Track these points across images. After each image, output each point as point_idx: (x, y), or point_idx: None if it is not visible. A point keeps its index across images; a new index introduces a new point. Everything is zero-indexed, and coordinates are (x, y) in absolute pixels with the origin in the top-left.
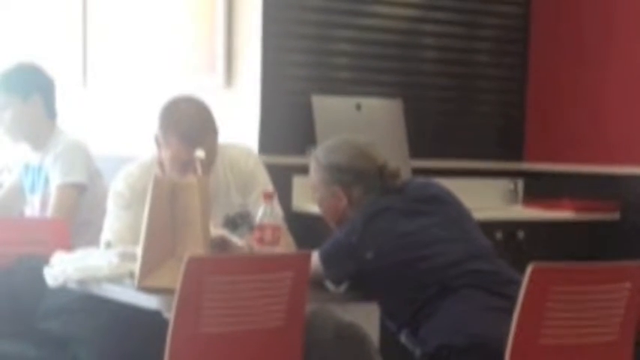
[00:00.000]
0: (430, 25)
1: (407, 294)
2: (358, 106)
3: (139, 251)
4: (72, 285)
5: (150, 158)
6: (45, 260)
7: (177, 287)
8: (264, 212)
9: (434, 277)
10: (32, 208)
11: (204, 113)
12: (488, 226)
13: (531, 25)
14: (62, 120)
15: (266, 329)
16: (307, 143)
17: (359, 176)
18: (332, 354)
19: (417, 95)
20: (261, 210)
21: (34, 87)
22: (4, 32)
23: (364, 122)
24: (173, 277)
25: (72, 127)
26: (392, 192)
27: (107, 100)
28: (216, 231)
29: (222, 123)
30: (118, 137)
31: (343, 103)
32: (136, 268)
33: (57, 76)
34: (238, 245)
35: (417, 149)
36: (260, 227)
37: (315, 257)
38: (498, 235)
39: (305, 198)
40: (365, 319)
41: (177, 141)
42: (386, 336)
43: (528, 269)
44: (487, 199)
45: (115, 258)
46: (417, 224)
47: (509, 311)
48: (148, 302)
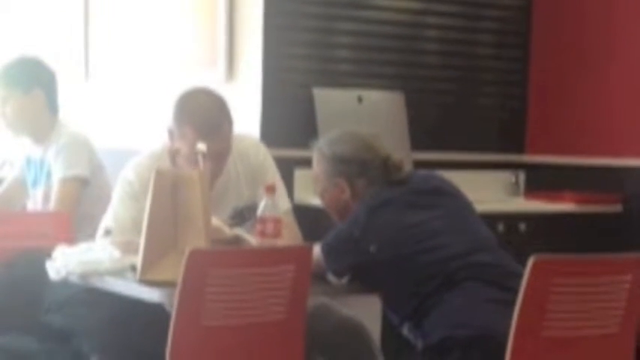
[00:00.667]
0: (431, 18)
1: (410, 286)
2: (360, 99)
3: (141, 244)
4: (74, 278)
5: (160, 149)
6: (47, 254)
7: (179, 280)
8: (265, 205)
9: (437, 270)
10: (34, 202)
11: (219, 104)
12: (489, 219)
13: (533, 18)
14: (64, 114)
15: (268, 322)
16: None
17: (362, 168)
18: (333, 347)
19: (419, 88)
20: (262, 203)
21: (36, 80)
22: (6, 26)
23: (366, 115)
24: (175, 271)
25: (74, 121)
26: (395, 184)
27: (109, 94)
28: (231, 231)
29: None
30: (120, 131)
31: (345, 96)
32: (138, 262)
33: (59, 70)
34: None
35: (419, 142)
36: (261, 220)
37: (316, 250)
38: (500, 228)
39: (307, 191)
40: (366, 312)
41: (192, 132)
42: (387, 329)
43: (530, 261)
44: (489, 192)
45: (117, 251)
46: (420, 217)
47: (511, 304)
48: (150, 295)
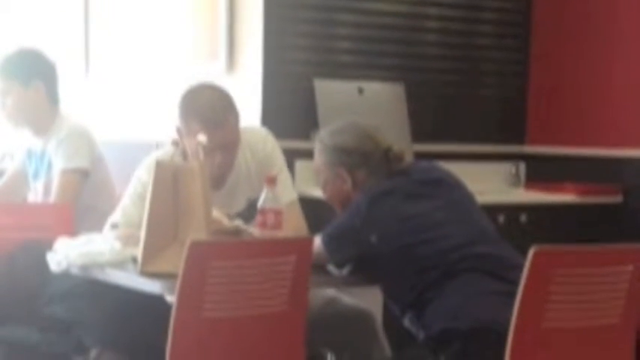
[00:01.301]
0: (432, 9)
1: (410, 277)
2: (360, 90)
3: (142, 236)
4: (75, 270)
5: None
6: (48, 246)
7: (179, 272)
8: (266, 196)
9: (437, 261)
10: (35, 194)
11: (224, 97)
12: (490, 210)
13: (533, 8)
14: (65, 107)
15: (269, 313)
16: (309, 127)
17: (364, 158)
18: (340, 338)
19: (419, 79)
20: (263, 194)
21: (36, 72)
22: (7, 20)
23: (366, 106)
24: (176, 262)
25: (75, 114)
26: (396, 175)
27: (109, 87)
28: (231, 222)
29: None
30: (121, 123)
31: (345, 87)
32: (139, 253)
33: (59, 63)
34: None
35: (419, 133)
36: (262, 211)
37: (317, 241)
38: (501, 219)
39: (308, 182)
40: (368, 303)
41: (199, 127)
42: (389, 320)
43: (530, 252)
44: (489, 183)
45: (118, 243)
46: (421, 207)
47: (512, 295)
48: (151, 287)
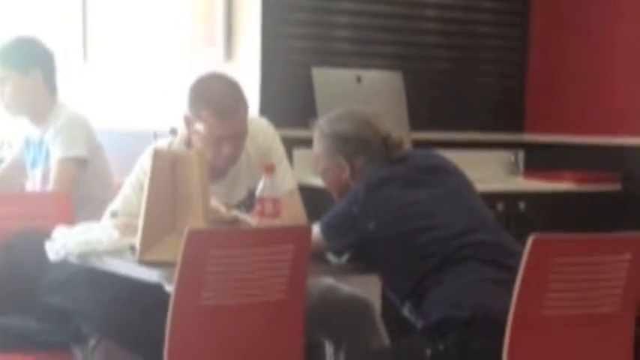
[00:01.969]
0: None
1: (409, 265)
2: (358, 79)
3: (140, 224)
4: (73, 259)
5: (178, 137)
6: (47, 234)
7: (178, 260)
8: (264, 185)
9: (436, 249)
10: (33, 183)
11: (234, 88)
12: (489, 198)
13: None
14: (63, 95)
15: (267, 302)
16: (308, 116)
17: (362, 146)
18: (338, 326)
19: (418, 67)
20: (261, 183)
21: (34, 61)
22: (4, 7)
23: (364, 94)
24: (174, 251)
25: (72, 102)
26: (395, 162)
27: (108, 75)
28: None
29: None
30: (119, 111)
31: (343, 76)
32: (137, 242)
33: (57, 51)
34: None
35: (418, 121)
36: (260, 200)
37: (315, 229)
38: (499, 207)
39: (306, 170)
40: (366, 292)
41: (209, 116)
42: (387, 309)
43: (529, 240)
44: (488, 171)
45: (116, 232)
46: (420, 195)
47: (511, 283)
48: (149, 276)
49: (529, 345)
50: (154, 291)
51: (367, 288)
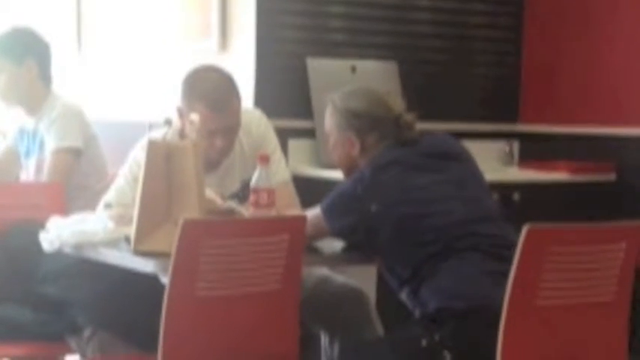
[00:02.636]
0: None
1: (408, 250)
2: (353, 69)
3: (135, 215)
4: (68, 250)
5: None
6: (41, 225)
7: (172, 251)
8: (259, 175)
9: (436, 236)
10: (27, 173)
11: (227, 80)
12: None
13: None
14: (57, 85)
15: (262, 292)
16: (302, 106)
17: (374, 123)
18: (332, 316)
19: (413, 57)
20: (256, 174)
21: (29, 51)
22: None
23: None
24: (169, 241)
25: (67, 93)
26: (405, 144)
27: (102, 66)
28: (224, 202)
29: None
30: (114, 102)
31: (338, 66)
32: (132, 232)
33: (52, 42)
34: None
35: (413, 111)
36: (255, 190)
37: (315, 211)
38: (494, 197)
39: (301, 161)
40: (361, 282)
41: (203, 108)
42: (382, 299)
43: (524, 231)
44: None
45: (111, 222)
46: (425, 180)
47: (508, 274)
48: (145, 266)
49: (524, 335)
50: (149, 282)
51: (362, 278)
